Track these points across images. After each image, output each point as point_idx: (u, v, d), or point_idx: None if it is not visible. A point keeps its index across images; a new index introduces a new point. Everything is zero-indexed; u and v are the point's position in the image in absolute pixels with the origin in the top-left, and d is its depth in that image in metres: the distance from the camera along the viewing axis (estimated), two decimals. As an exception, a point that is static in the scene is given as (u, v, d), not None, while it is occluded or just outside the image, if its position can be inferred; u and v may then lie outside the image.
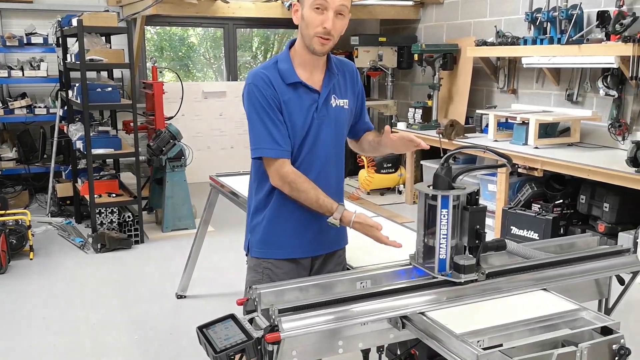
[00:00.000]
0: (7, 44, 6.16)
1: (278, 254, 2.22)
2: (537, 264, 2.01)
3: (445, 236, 1.87)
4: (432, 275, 1.89)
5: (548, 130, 5.30)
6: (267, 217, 2.21)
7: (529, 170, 4.96)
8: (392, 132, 2.19)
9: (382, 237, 2.11)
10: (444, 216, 1.86)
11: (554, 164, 4.75)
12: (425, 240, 1.94)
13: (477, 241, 1.90)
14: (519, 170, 5.12)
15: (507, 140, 5.46)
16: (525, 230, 5.01)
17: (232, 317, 1.79)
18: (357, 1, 6.76)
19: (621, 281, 2.15)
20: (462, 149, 2.11)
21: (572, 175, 4.71)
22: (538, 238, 4.90)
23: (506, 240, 2.03)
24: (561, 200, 5.04)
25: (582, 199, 4.89)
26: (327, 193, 2.14)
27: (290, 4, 6.66)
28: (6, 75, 6.18)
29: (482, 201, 5.88)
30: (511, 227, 5.11)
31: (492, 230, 5.44)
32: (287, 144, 2.10)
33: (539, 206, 5.08)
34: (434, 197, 1.87)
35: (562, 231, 4.94)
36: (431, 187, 1.90)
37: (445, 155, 1.89)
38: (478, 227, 1.90)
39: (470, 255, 1.88)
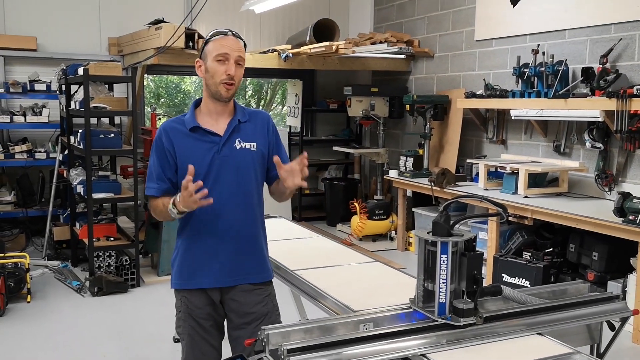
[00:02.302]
0: (11, 90, 6.30)
1: (189, 284, 2.43)
2: (531, 309, 2.11)
3: (444, 281, 1.97)
4: (432, 318, 1.98)
5: (537, 180, 5.46)
6: (181, 249, 2.46)
7: (519, 219, 5.10)
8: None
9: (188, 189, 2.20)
10: (444, 261, 1.96)
11: (543, 213, 4.89)
12: (425, 284, 2.03)
13: (474, 286, 2.00)
14: (510, 218, 5.26)
15: (497, 189, 5.61)
16: (516, 277, 5.10)
17: (241, 357, 1.87)
18: (351, 54, 7.01)
19: (612, 327, 2.25)
20: (460, 198, 2.23)
21: (562, 224, 4.84)
22: (529, 286, 4.99)
23: (502, 286, 2.13)
24: (551, 249, 5.15)
25: (572, 248, 5.01)
26: (233, 230, 2.39)
27: (287, 55, 6.89)
28: (8, 120, 6.31)
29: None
30: (502, 275, 5.20)
31: (484, 278, 5.51)
32: (164, 184, 2.39)
33: (530, 254, 5.19)
34: (434, 243, 1.98)
35: (552, 279, 5.03)
36: (430, 234, 2.01)
37: (445, 203, 2.01)
38: (475, 272, 2.00)
39: (469, 300, 1.98)
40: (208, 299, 2.47)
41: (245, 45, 2.42)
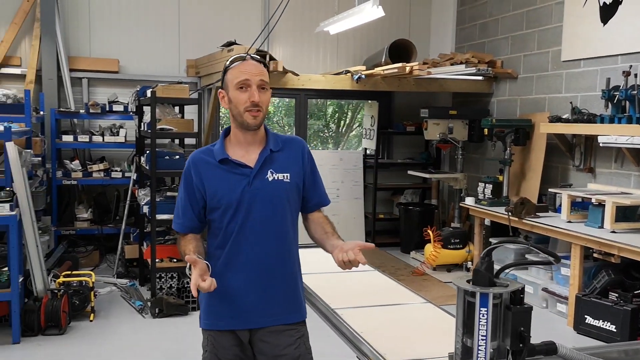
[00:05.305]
0: (91, 111, 6.56)
1: (217, 325, 2.27)
2: (592, 375, 1.81)
3: (484, 337, 1.71)
4: (470, 379, 1.73)
5: (627, 214, 4.95)
6: None
7: (605, 256, 4.63)
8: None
9: (193, 280, 2.03)
10: (483, 315, 1.71)
11: (632, 251, 4.40)
12: (464, 339, 1.78)
13: (520, 344, 1.73)
14: (594, 255, 4.79)
15: (581, 222, 5.14)
16: (600, 320, 4.63)
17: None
18: (426, 75, 6.75)
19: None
20: (505, 243, 1.97)
21: (654, 264, 4.35)
22: (615, 330, 4.51)
23: (557, 343, 1.84)
24: (641, 290, 4.64)
25: (665, 290, 4.49)
26: (265, 267, 2.24)
27: (360, 77, 6.74)
28: (87, 140, 6.56)
29: (554, 286, 5.49)
30: (585, 316, 4.74)
31: (565, 318, 5.08)
32: (190, 220, 2.27)
33: (617, 295, 4.70)
34: (473, 294, 1.73)
35: (642, 324, 4.53)
36: (470, 283, 1.77)
37: (485, 250, 1.75)
38: (522, 329, 1.73)
39: (513, 361, 1.71)
40: (236, 339, 2.31)
41: (267, 67, 2.28)
